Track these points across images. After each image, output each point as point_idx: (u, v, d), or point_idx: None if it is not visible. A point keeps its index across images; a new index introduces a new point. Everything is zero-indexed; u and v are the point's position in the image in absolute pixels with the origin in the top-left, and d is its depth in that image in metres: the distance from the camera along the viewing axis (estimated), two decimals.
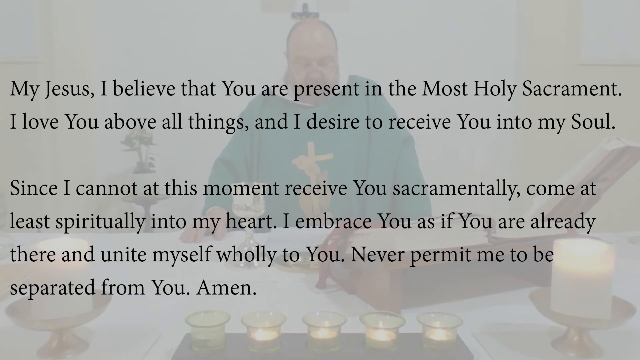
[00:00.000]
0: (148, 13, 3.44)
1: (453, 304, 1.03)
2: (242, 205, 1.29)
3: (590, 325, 0.80)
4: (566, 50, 3.24)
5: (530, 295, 0.87)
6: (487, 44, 3.45)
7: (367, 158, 1.83)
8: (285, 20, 3.32)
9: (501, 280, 1.16)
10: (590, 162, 1.24)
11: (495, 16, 3.44)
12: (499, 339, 0.86)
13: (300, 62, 1.79)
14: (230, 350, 0.80)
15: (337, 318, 0.81)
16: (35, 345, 0.82)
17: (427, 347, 0.80)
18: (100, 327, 0.88)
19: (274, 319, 0.81)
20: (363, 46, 3.32)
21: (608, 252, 0.80)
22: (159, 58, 3.45)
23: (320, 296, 1.09)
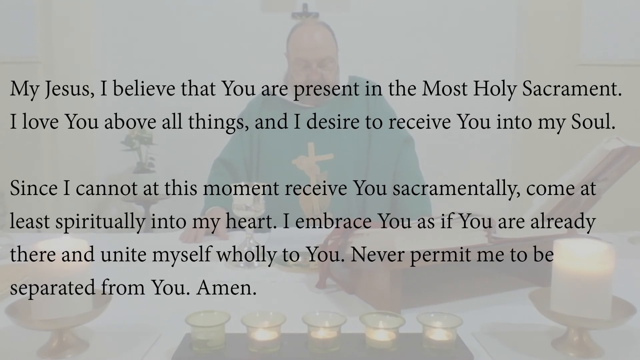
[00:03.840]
0: (148, 13, 3.44)
1: (453, 304, 1.03)
2: (242, 205, 1.29)
3: (590, 325, 0.80)
4: (566, 50, 3.24)
5: (530, 295, 0.87)
6: (487, 44, 3.46)
7: (367, 158, 1.83)
8: (285, 20, 3.33)
9: (501, 280, 1.16)
10: (590, 162, 1.24)
11: (495, 16, 3.44)
12: (499, 339, 0.86)
13: (300, 64, 1.79)
14: (230, 350, 0.80)
15: (337, 318, 0.81)
16: (35, 345, 0.82)
17: (427, 347, 0.80)
18: (100, 327, 0.88)
19: (274, 319, 0.81)
20: (363, 46, 3.33)
21: (608, 252, 0.80)
22: (159, 58, 3.46)
23: (320, 296, 1.09)
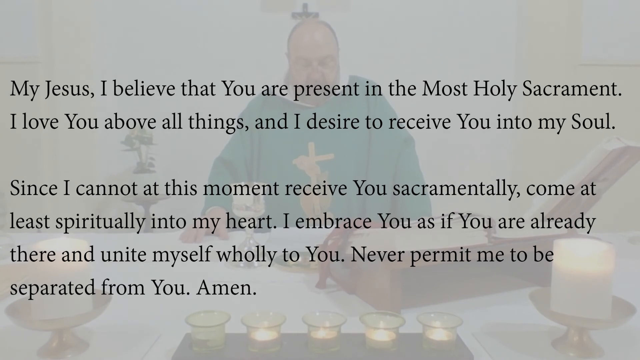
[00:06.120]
0: (148, 13, 3.44)
1: (453, 304, 1.03)
2: (242, 205, 1.29)
3: (590, 325, 0.80)
4: (566, 50, 3.24)
5: (530, 295, 0.87)
6: (487, 44, 3.45)
7: (367, 158, 1.83)
8: (285, 20, 3.32)
9: (501, 280, 1.16)
10: (590, 162, 1.24)
11: (495, 16, 3.44)
12: (499, 339, 0.86)
13: (300, 63, 1.79)
14: (230, 350, 0.80)
15: (337, 318, 0.81)
16: (35, 345, 0.82)
17: (427, 347, 0.80)
18: (100, 327, 0.88)
19: (274, 319, 0.81)
20: (363, 46, 3.32)
21: (608, 252, 0.80)
22: (158, 58, 3.45)
23: (320, 296, 1.09)
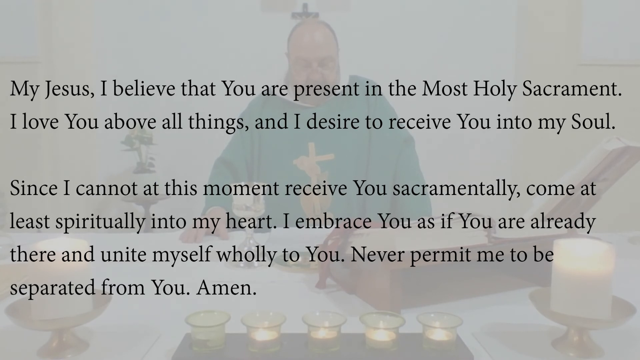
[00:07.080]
0: (148, 13, 3.44)
1: (453, 304, 1.03)
2: (242, 205, 1.29)
3: (590, 325, 0.80)
4: (566, 50, 3.24)
5: (530, 295, 0.87)
6: (487, 44, 3.45)
7: (367, 158, 1.83)
8: (285, 20, 3.32)
9: (501, 280, 1.16)
10: (590, 162, 1.24)
11: (495, 16, 3.44)
12: (499, 339, 0.86)
13: (300, 63, 1.79)
14: (230, 350, 0.80)
15: (337, 318, 0.81)
16: (35, 345, 0.82)
17: (427, 347, 0.80)
18: (100, 327, 0.88)
19: (274, 319, 0.81)
20: (363, 46, 3.33)
21: (608, 252, 0.80)
22: (158, 58, 3.45)
23: (320, 296, 1.09)
